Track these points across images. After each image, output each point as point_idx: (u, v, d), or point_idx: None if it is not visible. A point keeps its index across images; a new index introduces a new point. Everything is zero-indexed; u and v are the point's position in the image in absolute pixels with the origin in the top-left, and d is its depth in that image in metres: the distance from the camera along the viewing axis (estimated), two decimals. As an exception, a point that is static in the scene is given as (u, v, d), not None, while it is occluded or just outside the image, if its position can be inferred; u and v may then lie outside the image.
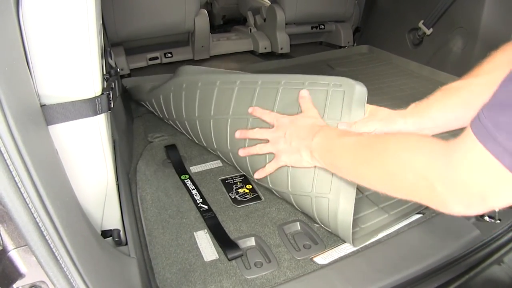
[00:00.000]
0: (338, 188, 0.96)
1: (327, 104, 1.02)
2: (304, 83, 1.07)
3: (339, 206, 0.95)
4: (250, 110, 1.11)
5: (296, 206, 1.11)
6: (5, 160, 0.49)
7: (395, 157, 0.69)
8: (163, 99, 1.46)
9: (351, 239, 0.98)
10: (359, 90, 1.00)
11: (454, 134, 0.63)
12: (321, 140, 0.90)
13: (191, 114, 1.31)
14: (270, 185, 1.13)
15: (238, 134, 1.12)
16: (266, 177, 1.10)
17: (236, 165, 1.23)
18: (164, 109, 1.47)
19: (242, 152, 1.12)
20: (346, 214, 0.95)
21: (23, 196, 0.51)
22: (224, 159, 1.31)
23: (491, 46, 2.11)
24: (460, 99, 0.86)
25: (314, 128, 0.94)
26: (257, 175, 1.11)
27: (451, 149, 0.58)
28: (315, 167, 0.98)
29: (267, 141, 1.05)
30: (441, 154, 0.60)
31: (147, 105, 1.64)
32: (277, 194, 1.16)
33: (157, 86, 1.53)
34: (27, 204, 0.52)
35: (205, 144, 1.35)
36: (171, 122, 1.51)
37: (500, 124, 0.50)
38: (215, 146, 1.27)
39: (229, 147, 1.19)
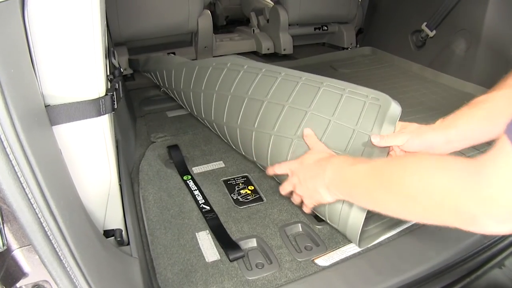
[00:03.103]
0: None
1: (361, 115, 1.05)
2: (344, 89, 1.11)
3: (352, 208, 0.95)
4: (268, 170, 1.11)
5: None
6: (11, 161, 0.49)
7: (416, 178, 0.66)
8: (186, 72, 1.55)
9: (358, 239, 0.97)
10: (394, 107, 1.03)
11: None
12: (333, 172, 0.89)
13: (226, 90, 1.36)
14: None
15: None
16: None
17: (253, 146, 1.24)
18: (182, 80, 1.58)
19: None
20: (357, 217, 0.95)
21: (27, 196, 0.51)
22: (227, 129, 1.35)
23: (494, 48, 2.11)
24: (486, 112, 0.87)
25: (322, 163, 0.93)
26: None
27: (480, 163, 0.55)
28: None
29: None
30: (467, 170, 0.57)
31: (153, 76, 1.80)
32: None
33: (175, 60, 1.71)
34: (32, 204, 0.52)
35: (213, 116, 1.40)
36: (182, 94, 1.60)
37: None
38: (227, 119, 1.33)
39: (255, 126, 1.22)
